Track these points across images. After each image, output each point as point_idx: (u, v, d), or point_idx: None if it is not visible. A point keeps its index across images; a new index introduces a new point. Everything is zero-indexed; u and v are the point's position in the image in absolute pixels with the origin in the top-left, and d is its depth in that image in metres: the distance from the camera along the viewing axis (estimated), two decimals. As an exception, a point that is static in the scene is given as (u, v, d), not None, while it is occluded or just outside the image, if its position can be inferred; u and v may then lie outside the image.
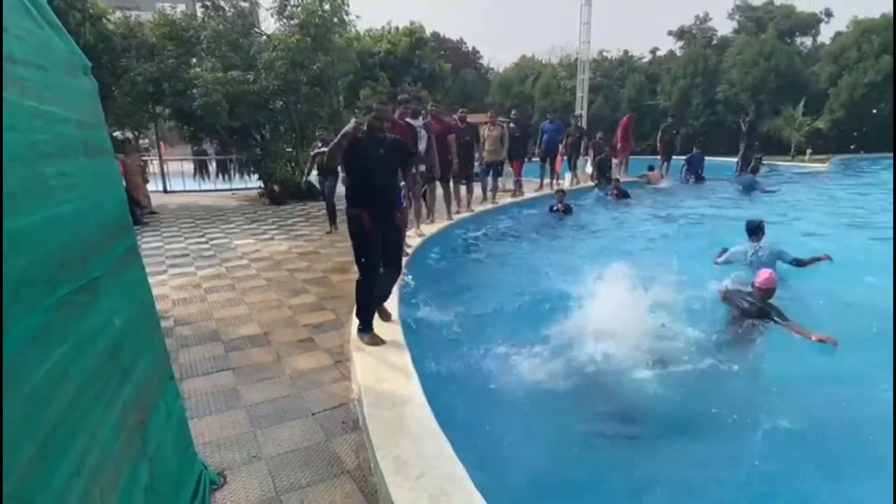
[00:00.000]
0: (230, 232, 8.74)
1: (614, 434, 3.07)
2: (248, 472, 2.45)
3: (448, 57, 35.74)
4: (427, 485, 2.09)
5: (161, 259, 6.81)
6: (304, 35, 11.52)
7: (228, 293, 5.32)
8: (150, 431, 1.76)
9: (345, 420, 2.90)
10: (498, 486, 2.26)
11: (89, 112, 1.74)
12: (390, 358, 3.31)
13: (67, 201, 1.42)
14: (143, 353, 1.81)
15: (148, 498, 1.65)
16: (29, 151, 1.26)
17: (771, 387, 3.49)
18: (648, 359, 3.63)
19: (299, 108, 12.34)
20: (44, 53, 1.45)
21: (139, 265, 1.93)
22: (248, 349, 3.90)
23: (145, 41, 11.80)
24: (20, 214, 1.17)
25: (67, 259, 1.37)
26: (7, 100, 1.19)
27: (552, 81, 34.45)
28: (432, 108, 7.85)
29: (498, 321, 4.54)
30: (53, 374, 1.20)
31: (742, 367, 3.65)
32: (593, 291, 4.35)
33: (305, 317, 4.56)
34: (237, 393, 3.22)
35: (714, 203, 11.54)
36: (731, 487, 2.58)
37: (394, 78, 18.96)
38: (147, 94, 11.80)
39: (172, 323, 4.44)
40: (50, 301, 1.24)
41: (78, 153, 1.56)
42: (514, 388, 3.40)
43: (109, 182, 1.78)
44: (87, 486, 1.27)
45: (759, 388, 3.52)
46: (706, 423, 3.09)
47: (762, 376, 3.71)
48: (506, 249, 7.82)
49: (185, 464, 2.13)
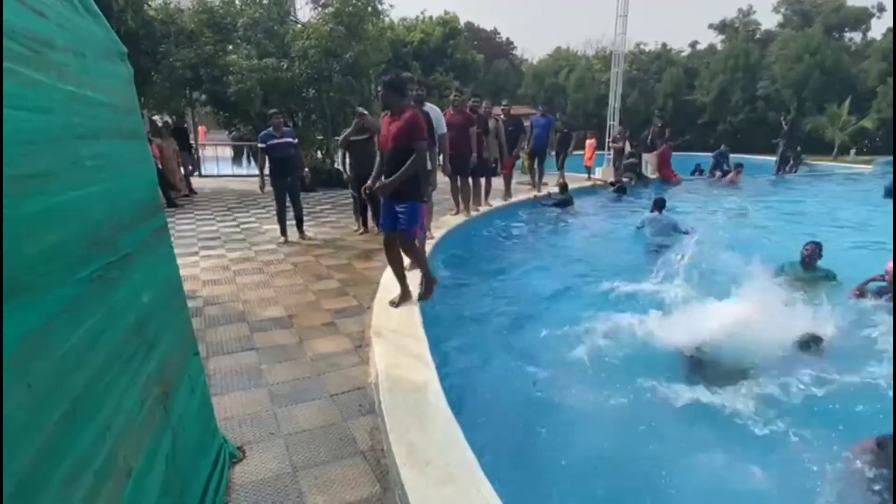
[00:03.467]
0: (260, 216, 8.93)
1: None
2: (266, 447, 2.54)
3: (481, 47, 35.53)
4: (437, 470, 2.14)
5: (193, 241, 7.02)
6: (337, 23, 11.60)
7: (256, 276, 5.46)
8: (173, 403, 1.85)
9: (361, 403, 2.97)
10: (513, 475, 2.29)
11: (124, 97, 1.82)
12: (409, 346, 3.37)
13: (101, 181, 1.50)
14: (169, 329, 1.90)
15: (169, 466, 1.74)
16: (65, 133, 1.34)
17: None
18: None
19: (331, 97, 12.46)
20: (82, 40, 1.53)
21: (168, 245, 2.02)
22: (273, 331, 4.01)
23: (184, 28, 12.06)
24: (56, 192, 1.24)
25: (100, 236, 1.45)
26: (46, 83, 1.27)
27: (586, 74, 33.99)
28: (455, 98, 7.66)
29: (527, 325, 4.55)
30: (83, 343, 1.28)
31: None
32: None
33: (329, 302, 4.66)
34: (260, 372, 3.33)
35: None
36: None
37: (426, 68, 18.95)
38: (185, 79, 12.07)
39: (202, 303, 4.59)
40: (82, 275, 1.31)
41: (112, 136, 1.64)
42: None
43: (141, 164, 1.86)
44: (111, 450, 1.35)
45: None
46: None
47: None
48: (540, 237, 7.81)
49: (207, 436, 2.23)
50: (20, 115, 1.13)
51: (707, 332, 3.78)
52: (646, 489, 2.53)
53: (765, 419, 2.94)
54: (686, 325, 3.92)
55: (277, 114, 6.98)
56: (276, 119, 6.79)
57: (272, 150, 6.69)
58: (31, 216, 1.11)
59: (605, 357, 3.68)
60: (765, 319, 3.82)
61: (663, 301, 4.60)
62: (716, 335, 3.75)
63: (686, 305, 4.33)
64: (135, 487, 1.45)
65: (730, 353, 3.65)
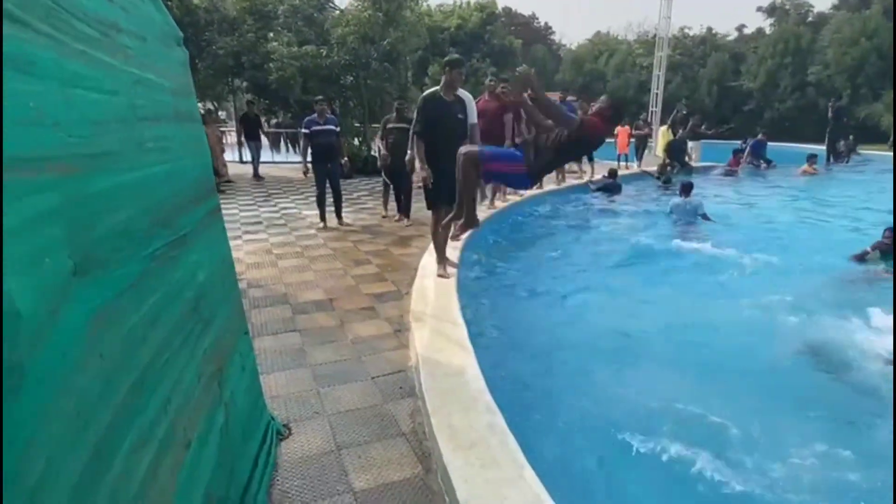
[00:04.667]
0: (300, 202, 9.09)
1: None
2: (310, 426, 2.60)
3: (519, 32, 35.02)
4: (479, 454, 2.15)
5: (237, 225, 7.20)
6: (376, 10, 11.62)
7: (297, 260, 5.57)
8: (226, 380, 1.91)
9: (402, 386, 3.00)
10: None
11: (181, 80, 1.86)
12: (448, 331, 3.38)
13: (161, 162, 1.54)
14: (222, 307, 1.95)
15: (223, 440, 1.80)
16: (130, 114, 1.38)
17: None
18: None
19: (368, 84, 12.52)
20: (144, 25, 1.57)
21: (221, 225, 2.07)
22: (314, 313, 4.09)
23: (227, 15, 12.29)
24: (121, 171, 1.28)
25: (161, 216, 1.49)
26: (114, 65, 1.30)
27: (627, 59, 33.14)
28: (490, 83, 7.36)
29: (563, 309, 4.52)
30: (147, 319, 1.32)
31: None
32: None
33: (367, 286, 4.72)
34: (303, 353, 3.40)
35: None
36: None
37: (462, 54, 18.80)
38: (227, 67, 12.33)
39: (246, 285, 4.71)
40: (146, 252, 1.36)
41: (171, 118, 1.68)
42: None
43: (197, 146, 1.91)
44: (172, 422, 1.40)
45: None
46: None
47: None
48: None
49: (256, 413, 2.29)
50: (91, 95, 1.17)
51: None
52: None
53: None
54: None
55: (322, 100, 7.06)
56: (320, 106, 6.88)
57: (315, 136, 6.79)
58: (101, 193, 1.15)
59: (651, 345, 3.61)
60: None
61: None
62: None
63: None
64: (193, 458, 1.51)
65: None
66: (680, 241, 6.37)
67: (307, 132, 6.83)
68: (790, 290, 4.41)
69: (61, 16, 1.05)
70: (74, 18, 1.11)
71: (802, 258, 5.50)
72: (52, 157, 0.97)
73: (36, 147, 0.92)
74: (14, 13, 0.87)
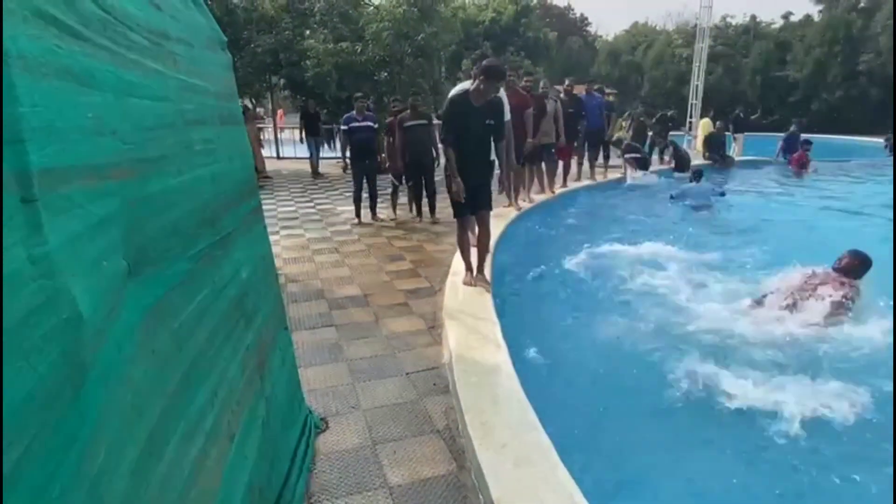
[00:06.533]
0: (335, 198, 9.23)
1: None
2: (347, 420, 2.66)
3: (554, 24, 34.51)
4: (512, 451, 2.16)
5: (274, 221, 7.36)
6: (410, 5, 11.65)
7: (333, 255, 5.67)
8: (267, 374, 1.97)
9: (436, 382, 3.03)
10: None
11: (225, 84, 1.92)
12: (481, 328, 3.39)
13: (208, 164, 1.60)
14: (264, 303, 2.02)
15: (264, 432, 1.86)
16: (179, 119, 1.43)
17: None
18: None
19: (402, 80, 12.58)
20: (191, 31, 1.63)
21: (262, 224, 2.13)
22: (350, 308, 4.16)
23: (265, 14, 12.53)
24: (172, 174, 1.34)
25: (207, 216, 1.55)
26: (163, 73, 1.36)
27: (666, 50, 32.28)
28: (510, 77, 6.68)
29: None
30: (195, 316, 1.38)
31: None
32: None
33: (401, 282, 4.77)
34: (339, 348, 3.48)
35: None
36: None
37: (497, 48, 18.68)
38: (265, 64, 12.58)
39: (283, 280, 4.82)
40: (193, 251, 1.42)
41: (216, 121, 1.74)
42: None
43: (240, 148, 1.97)
44: (218, 414, 1.46)
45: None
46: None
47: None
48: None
49: (295, 406, 2.36)
50: (144, 103, 1.22)
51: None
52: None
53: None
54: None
55: (362, 97, 7.14)
56: (360, 103, 6.96)
57: (353, 132, 6.88)
58: (153, 196, 1.21)
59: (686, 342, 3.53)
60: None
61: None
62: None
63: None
64: (237, 450, 1.57)
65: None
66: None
67: (346, 129, 6.92)
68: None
69: (117, 28, 1.10)
70: (129, 30, 1.16)
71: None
72: (112, 164, 1.02)
73: (97, 155, 0.97)
74: (75, 29, 0.92)
